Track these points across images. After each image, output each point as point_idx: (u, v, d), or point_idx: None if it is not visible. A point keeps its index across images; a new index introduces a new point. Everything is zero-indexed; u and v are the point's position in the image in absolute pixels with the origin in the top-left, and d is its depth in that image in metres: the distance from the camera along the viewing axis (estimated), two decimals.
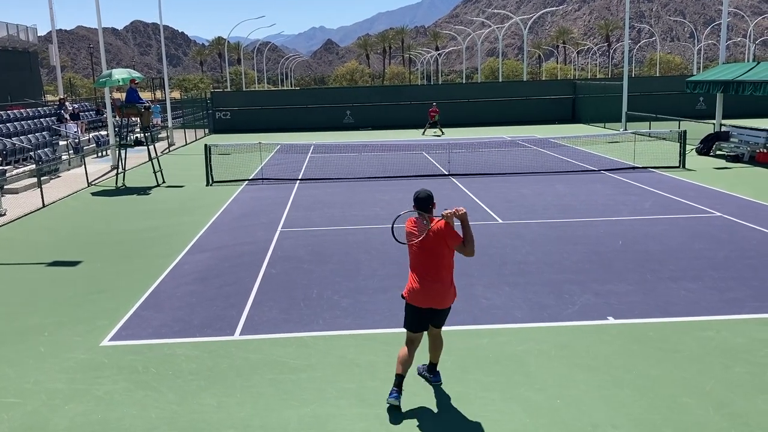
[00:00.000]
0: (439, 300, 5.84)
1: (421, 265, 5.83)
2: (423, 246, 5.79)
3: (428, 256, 5.79)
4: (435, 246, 5.76)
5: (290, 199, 16.44)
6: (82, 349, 7.40)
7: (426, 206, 5.88)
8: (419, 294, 5.81)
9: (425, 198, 5.91)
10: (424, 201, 5.89)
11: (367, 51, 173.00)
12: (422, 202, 5.89)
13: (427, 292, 5.79)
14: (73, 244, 12.54)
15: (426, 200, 5.89)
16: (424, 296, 5.80)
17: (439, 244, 5.76)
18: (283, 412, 5.89)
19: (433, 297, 5.81)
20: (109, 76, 19.72)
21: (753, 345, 7.02)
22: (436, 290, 5.79)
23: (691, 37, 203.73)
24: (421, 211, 5.86)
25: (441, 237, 5.75)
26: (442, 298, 5.84)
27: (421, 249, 5.81)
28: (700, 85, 23.56)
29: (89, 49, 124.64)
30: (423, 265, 5.82)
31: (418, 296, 5.82)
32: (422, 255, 5.81)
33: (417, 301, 5.83)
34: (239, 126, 38.99)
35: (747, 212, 13.48)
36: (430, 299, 5.81)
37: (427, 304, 5.83)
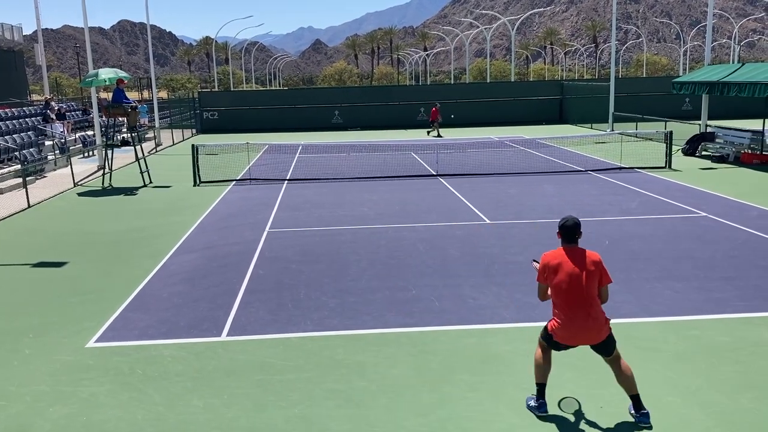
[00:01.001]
0: (595, 335, 5.40)
1: (574, 299, 5.32)
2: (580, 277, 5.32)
3: (583, 288, 5.33)
4: (590, 278, 5.33)
5: (278, 199, 16.40)
6: (68, 351, 7.34)
7: (574, 236, 5.46)
8: (568, 331, 5.38)
9: (573, 226, 5.45)
10: (572, 230, 5.45)
11: (356, 51, 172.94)
12: (569, 230, 5.44)
13: (581, 328, 5.35)
14: (59, 245, 12.44)
15: (574, 228, 5.45)
16: (576, 334, 5.39)
17: (595, 276, 5.35)
18: (271, 413, 5.87)
19: (588, 333, 5.38)
20: (95, 76, 19.58)
21: (738, 344, 7.08)
22: (590, 325, 5.34)
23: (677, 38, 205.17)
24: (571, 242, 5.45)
25: (599, 270, 5.37)
26: (597, 332, 5.39)
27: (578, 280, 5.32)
28: (686, 86, 23.73)
29: (75, 48, 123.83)
30: (577, 298, 5.32)
31: (568, 334, 5.40)
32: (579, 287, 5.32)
33: (567, 339, 5.42)
34: (227, 126, 38.84)
35: (732, 212, 13.59)
36: (583, 337, 5.40)
37: (579, 341, 5.43)
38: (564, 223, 5.47)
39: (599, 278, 5.37)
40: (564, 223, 5.47)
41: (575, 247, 5.45)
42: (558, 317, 5.44)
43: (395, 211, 14.49)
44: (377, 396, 6.12)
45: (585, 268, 5.33)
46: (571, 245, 5.46)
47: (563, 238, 5.48)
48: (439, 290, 9.00)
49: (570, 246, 5.46)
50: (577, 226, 5.45)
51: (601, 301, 5.44)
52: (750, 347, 6.99)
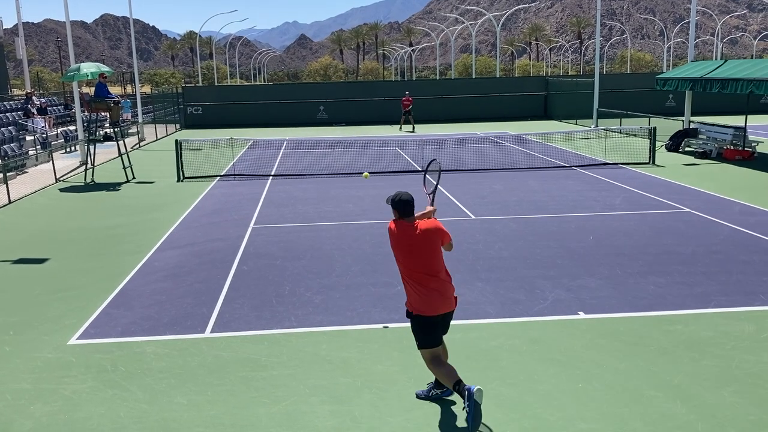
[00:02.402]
0: (449, 300, 5.57)
1: (421, 268, 5.47)
2: (418, 247, 5.48)
3: (427, 256, 5.50)
4: (431, 245, 5.51)
5: (263, 195, 16.33)
6: (49, 348, 7.26)
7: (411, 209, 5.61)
8: (429, 301, 5.47)
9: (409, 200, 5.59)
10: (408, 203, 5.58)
11: (341, 46, 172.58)
12: (406, 204, 5.57)
13: (437, 295, 5.47)
14: (40, 242, 12.31)
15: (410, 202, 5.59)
16: (435, 301, 5.48)
17: (435, 241, 5.53)
18: (255, 409, 5.85)
19: (445, 298, 5.52)
20: (77, 70, 19.37)
21: (720, 338, 7.14)
22: (443, 290, 5.50)
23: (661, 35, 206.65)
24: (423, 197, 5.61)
25: (438, 234, 5.55)
26: (450, 297, 5.58)
27: (416, 250, 5.49)
28: (669, 82, 23.89)
29: (57, 42, 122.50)
30: (423, 267, 5.46)
31: (429, 304, 5.47)
32: (420, 256, 5.49)
33: (428, 309, 5.49)
34: (211, 121, 38.63)
35: (714, 208, 13.71)
36: (442, 303, 5.50)
37: (441, 309, 5.51)
38: (401, 198, 5.58)
39: (440, 242, 5.58)
40: (401, 198, 5.58)
41: (412, 219, 5.61)
42: (412, 293, 5.55)
43: (380, 207, 14.47)
44: (362, 392, 6.11)
45: (426, 239, 5.50)
46: (407, 218, 5.60)
47: (402, 212, 5.59)
48: None
49: (408, 218, 5.60)
50: (411, 201, 5.60)
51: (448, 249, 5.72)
52: (732, 341, 7.06)
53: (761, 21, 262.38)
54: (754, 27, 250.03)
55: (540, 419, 5.59)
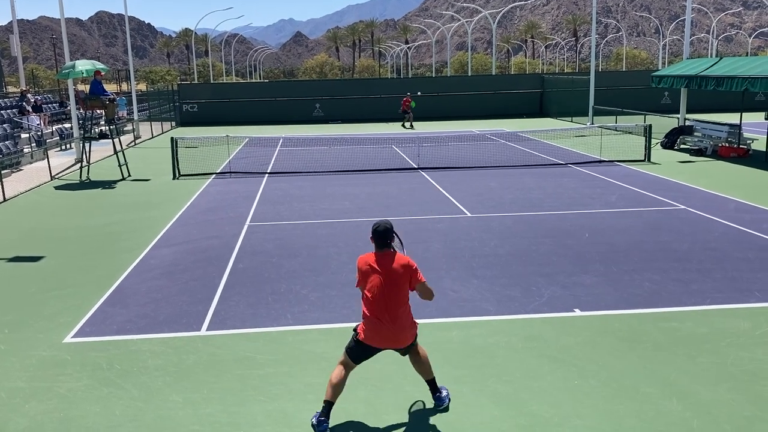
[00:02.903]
0: (401, 339, 5.42)
1: (381, 303, 5.31)
2: (387, 282, 5.30)
3: (390, 292, 5.31)
4: (398, 282, 5.31)
5: (258, 192, 16.30)
6: (44, 347, 7.24)
7: (385, 241, 5.37)
8: (377, 334, 5.35)
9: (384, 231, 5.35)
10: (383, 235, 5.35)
11: (337, 44, 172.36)
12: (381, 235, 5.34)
13: (388, 332, 5.33)
14: (35, 239, 12.27)
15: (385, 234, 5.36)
16: (383, 337, 5.36)
17: (403, 280, 5.33)
18: (251, 407, 5.84)
19: (394, 337, 5.37)
20: (72, 68, 19.31)
21: (715, 335, 7.16)
22: (396, 329, 5.34)
23: (656, 32, 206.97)
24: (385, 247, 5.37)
25: (408, 273, 5.34)
26: (403, 337, 5.42)
27: (384, 285, 5.30)
28: (664, 79, 23.93)
29: (52, 39, 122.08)
30: (384, 302, 5.30)
31: (376, 336, 5.36)
32: (385, 291, 5.30)
33: (374, 341, 5.38)
34: (207, 119, 38.55)
35: (710, 205, 13.74)
36: (389, 340, 5.38)
37: (385, 345, 5.42)
38: (376, 228, 5.36)
39: (409, 281, 5.34)
40: (376, 228, 5.36)
41: (386, 252, 5.38)
42: (366, 321, 5.39)
43: (376, 205, 14.47)
44: (358, 389, 6.11)
45: (392, 272, 5.30)
46: (382, 250, 5.39)
47: (375, 244, 5.38)
48: None
49: (381, 251, 5.39)
50: (388, 231, 5.35)
51: (425, 298, 5.48)
52: (727, 338, 7.07)
53: (756, 18, 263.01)
54: (749, 25, 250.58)
55: (536, 416, 5.60)
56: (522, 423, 5.50)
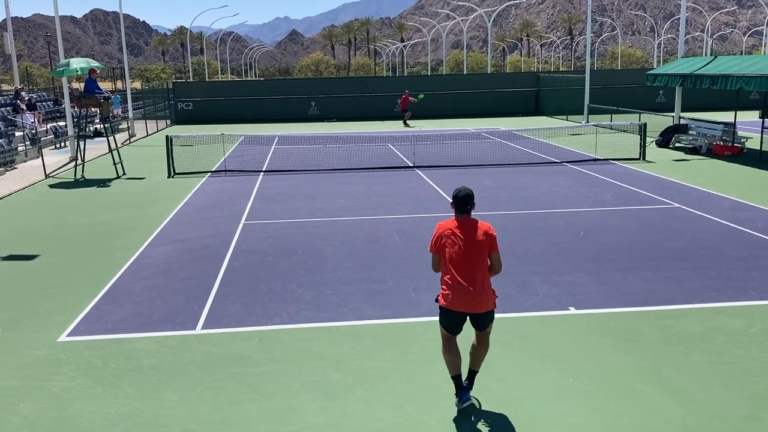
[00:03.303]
0: (482, 303, 5.46)
1: (463, 267, 5.40)
2: (469, 246, 5.41)
3: (471, 259, 5.42)
4: (479, 249, 5.43)
5: (254, 191, 16.29)
6: (39, 345, 7.22)
7: (466, 206, 5.54)
8: (458, 298, 5.43)
9: (464, 197, 5.54)
10: (463, 200, 5.53)
11: (333, 42, 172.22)
12: (461, 201, 5.53)
13: (469, 294, 5.41)
14: (30, 238, 12.23)
15: (465, 199, 5.54)
16: (464, 301, 5.42)
17: (483, 248, 5.44)
18: (245, 406, 5.84)
19: (475, 300, 5.43)
20: (66, 66, 19.24)
21: (710, 333, 7.19)
22: (476, 292, 5.40)
23: (651, 31, 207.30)
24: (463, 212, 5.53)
25: (489, 240, 5.45)
26: (483, 301, 5.46)
27: (467, 250, 5.41)
28: (659, 78, 23.98)
29: (47, 37, 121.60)
30: (466, 266, 5.40)
31: (456, 300, 5.44)
32: (468, 256, 5.41)
33: (455, 305, 5.46)
34: (202, 117, 38.46)
35: (704, 203, 13.78)
36: (470, 303, 5.43)
37: (466, 308, 5.46)
38: (457, 194, 5.56)
39: (489, 247, 5.47)
40: (457, 194, 5.56)
41: (467, 218, 5.55)
42: (446, 286, 5.50)
43: (372, 203, 14.47)
44: (353, 388, 6.11)
45: (475, 238, 5.44)
46: (463, 216, 5.56)
47: (456, 209, 5.56)
48: (415, 282, 9.01)
49: (462, 216, 5.56)
50: (469, 197, 5.54)
51: (494, 270, 5.54)
52: (721, 336, 7.10)
53: (750, 17, 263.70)
54: (744, 23, 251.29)
55: (530, 414, 5.61)
56: (516, 421, 5.51)
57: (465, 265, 5.41)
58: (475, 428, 5.44)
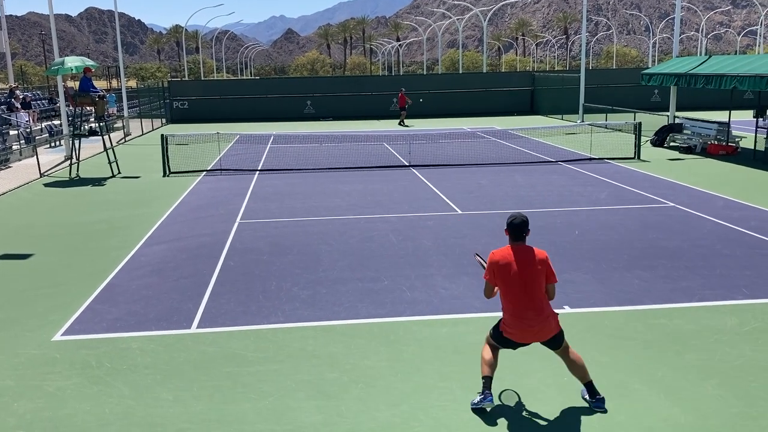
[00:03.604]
0: (546, 330, 5.41)
1: (524, 297, 5.34)
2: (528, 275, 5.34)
3: (530, 287, 5.35)
4: (537, 277, 5.35)
5: (249, 190, 16.27)
6: (33, 345, 7.21)
7: (521, 234, 5.43)
8: (521, 330, 5.41)
9: (520, 224, 5.41)
10: (519, 227, 5.42)
11: (328, 41, 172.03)
12: (517, 228, 5.41)
13: (532, 326, 5.37)
14: (25, 237, 12.20)
15: (521, 227, 5.42)
16: (528, 333, 5.41)
17: (540, 276, 5.36)
18: (241, 405, 5.84)
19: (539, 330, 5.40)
20: (61, 64, 19.20)
21: (703, 332, 7.22)
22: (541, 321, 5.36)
23: (646, 30, 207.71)
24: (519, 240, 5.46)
25: (545, 268, 5.37)
26: (548, 327, 5.40)
27: (527, 279, 5.34)
28: (654, 77, 24.03)
29: (41, 36, 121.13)
30: (527, 296, 5.34)
31: (520, 333, 5.43)
32: (528, 286, 5.35)
33: (518, 337, 5.44)
34: (197, 116, 38.38)
35: (699, 202, 13.83)
36: (534, 335, 5.41)
37: (531, 339, 5.44)
38: (512, 221, 5.42)
39: (546, 276, 5.40)
40: (512, 221, 5.42)
41: (522, 245, 5.43)
42: (508, 316, 5.45)
43: (367, 202, 14.47)
44: (349, 387, 6.12)
45: (533, 266, 5.34)
46: (518, 243, 5.44)
47: (511, 236, 5.44)
48: (410, 280, 9.02)
49: (517, 244, 5.43)
50: (524, 224, 5.42)
51: (548, 298, 5.49)
52: (714, 335, 7.13)
53: (745, 17, 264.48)
54: (738, 23, 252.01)
55: (525, 413, 5.63)
56: (511, 420, 5.53)
57: (525, 294, 5.33)
58: (469, 427, 5.45)
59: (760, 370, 6.29)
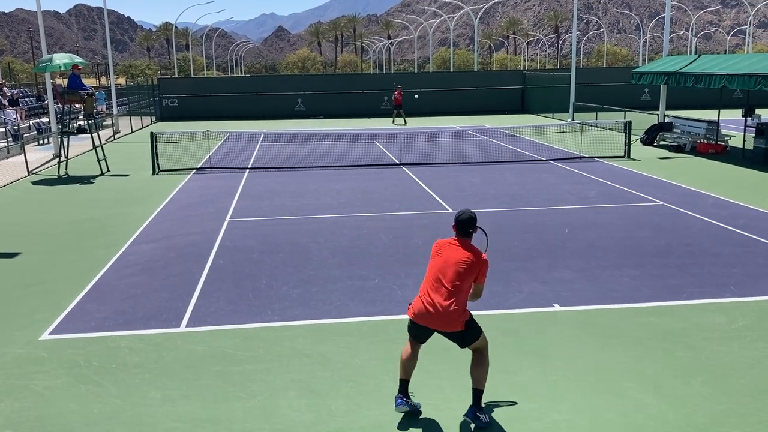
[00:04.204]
0: (446, 324, 5.33)
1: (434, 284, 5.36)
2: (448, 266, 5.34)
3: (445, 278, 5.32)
4: (458, 272, 5.30)
5: (239, 188, 16.22)
6: (20, 344, 7.15)
7: (467, 230, 5.44)
8: (421, 313, 5.37)
9: (466, 220, 5.45)
10: (465, 223, 5.44)
11: (319, 39, 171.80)
12: (462, 224, 5.44)
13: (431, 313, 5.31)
14: (12, 235, 12.11)
15: (467, 223, 5.45)
16: (427, 317, 5.35)
17: (463, 272, 5.31)
18: (230, 404, 5.81)
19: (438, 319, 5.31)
20: (49, 61, 19.08)
21: (692, 330, 7.25)
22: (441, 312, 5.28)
23: (636, 29, 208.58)
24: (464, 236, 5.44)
25: (477, 267, 5.34)
26: (448, 320, 5.32)
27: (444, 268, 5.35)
28: (644, 76, 24.13)
29: (29, 32, 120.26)
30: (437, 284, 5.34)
31: (420, 316, 5.38)
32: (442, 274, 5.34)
33: (419, 319, 5.39)
34: (187, 113, 38.22)
35: (688, 201, 13.90)
36: (433, 321, 5.34)
37: (431, 325, 5.37)
38: (458, 217, 5.50)
39: (475, 276, 5.36)
40: (458, 217, 5.50)
41: (464, 241, 5.45)
42: (417, 297, 5.48)
43: (358, 200, 14.46)
44: (339, 385, 6.11)
45: (457, 264, 5.34)
46: (461, 238, 5.47)
47: (456, 231, 5.49)
48: (401, 279, 9.02)
49: (460, 239, 5.47)
50: (470, 220, 5.46)
51: (474, 296, 5.50)
52: (703, 333, 7.17)
53: (734, 17, 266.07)
54: (728, 23, 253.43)
55: (515, 411, 5.63)
56: (501, 418, 5.53)
57: (437, 281, 5.34)
58: (459, 425, 5.45)
59: (748, 368, 6.33)
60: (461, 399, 5.83)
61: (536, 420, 5.48)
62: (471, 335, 5.44)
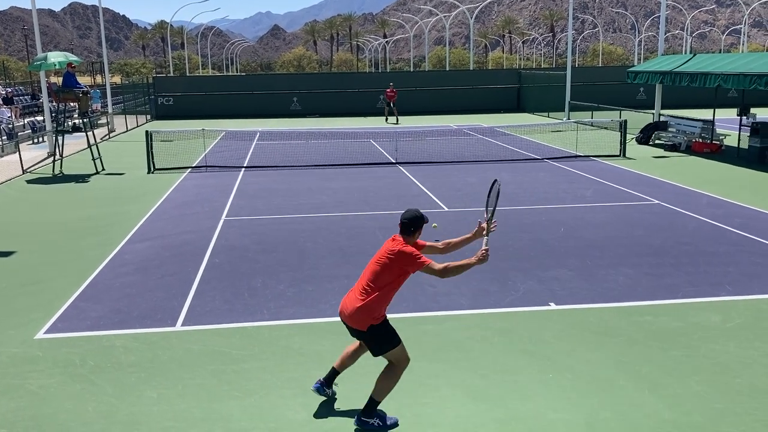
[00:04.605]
0: (351, 318, 5.28)
1: (360, 278, 5.40)
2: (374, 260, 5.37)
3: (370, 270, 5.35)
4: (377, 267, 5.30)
5: (235, 187, 16.19)
6: (15, 343, 7.12)
7: (408, 228, 5.40)
8: (342, 303, 5.41)
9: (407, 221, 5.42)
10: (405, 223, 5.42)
11: (315, 37, 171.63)
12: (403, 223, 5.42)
13: (346, 303, 5.34)
14: (7, 234, 12.06)
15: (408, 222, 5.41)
16: (342, 307, 5.37)
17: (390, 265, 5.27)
18: (226, 402, 5.80)
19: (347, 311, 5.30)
20: (44, 59, 18.98)
21: (688, 329, 7.26)
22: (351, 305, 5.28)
23: (632, 28, 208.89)
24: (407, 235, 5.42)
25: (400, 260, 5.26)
26: (353, 315, 5.26)
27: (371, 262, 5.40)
28: (640, 75, 24.16)
29: (24, 30, 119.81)
30: (361, 277, 5.39)
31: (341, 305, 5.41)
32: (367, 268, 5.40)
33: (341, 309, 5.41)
34: (182, 112, 38.12)
35: (683, 200, 13.92)
36: (343, 312, 5.34)
37: (342, 317, 5.37)
38: (402, 215, 5.50)
39: (398, 271, 5.29)
40: (402, 215, 5.50)
41: (400, 238, 5.43)
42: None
43: (354, 199, 14.44)
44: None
45: (382, 253, 5.36)
46: (402, 235, 5.46)
47: (400, 228, 5.50)
48: None
49: (402, 236, 5.46)
50: (412, 220, 5.41)
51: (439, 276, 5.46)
52: (699, 332, 7.18)
53: (729, 16, 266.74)
54: (723, 22, 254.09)
55: (510, 409, 5.64)
56: (497, 417, 5.54)
57: (362, 275, 5.41)
58: (455, 423, 5.45)
59: (744, 367, 6.35)
60: (456, 398, 5.83)
61: (532, 419, 5.49)
62: (378, 343, 5.31)
